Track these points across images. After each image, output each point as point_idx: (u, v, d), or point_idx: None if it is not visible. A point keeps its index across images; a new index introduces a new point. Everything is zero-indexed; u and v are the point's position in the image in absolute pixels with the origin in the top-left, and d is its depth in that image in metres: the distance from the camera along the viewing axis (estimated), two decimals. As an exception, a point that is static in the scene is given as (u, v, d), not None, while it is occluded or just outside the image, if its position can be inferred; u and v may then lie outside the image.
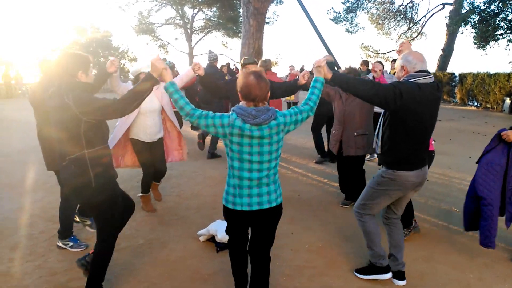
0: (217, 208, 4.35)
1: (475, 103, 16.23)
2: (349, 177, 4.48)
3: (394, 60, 4.40)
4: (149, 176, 4.21)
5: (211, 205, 4.46)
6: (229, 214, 2.33)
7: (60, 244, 3.40)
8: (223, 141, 2.24)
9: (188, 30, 31.88)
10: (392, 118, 2.58)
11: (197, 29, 32.55)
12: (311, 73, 3.06)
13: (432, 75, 2.58)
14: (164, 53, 33.23)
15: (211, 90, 3.94)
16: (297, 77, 3.59)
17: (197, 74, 3.66)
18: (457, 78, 17.57)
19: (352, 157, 4.25)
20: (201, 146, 6.79)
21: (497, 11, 17.01)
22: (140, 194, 4.33)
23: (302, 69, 24.25)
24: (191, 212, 4.30)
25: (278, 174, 2.35)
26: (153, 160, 4.12)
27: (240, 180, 2.20)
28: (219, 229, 3.36)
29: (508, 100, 13.79)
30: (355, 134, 4.14)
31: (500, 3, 16.50)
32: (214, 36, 44.63)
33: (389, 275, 2.89)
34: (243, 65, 4.01)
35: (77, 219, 3.80)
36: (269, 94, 2.19)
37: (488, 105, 15.20)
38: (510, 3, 16.12)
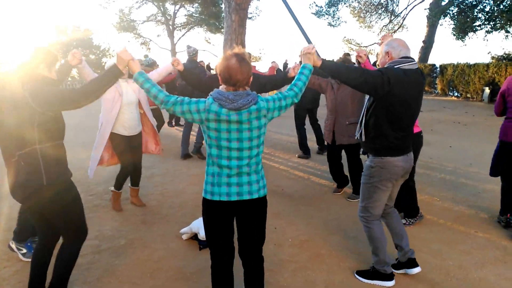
0: (200, 206, 4.24)
1: (456, 93, 16.54)
2: (339, 165, 4.65)
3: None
4: (127, 174, 4.13)
5: (195, 203, 4.43)
6: (208, 206, 2.21)
7: (12, 245, 3.15)
8: (201, 128, 2.10)
9: (170, 27, 31.51)
10: (378, 104, 2.57)
11: (179, 25, 32.20)
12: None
13: (416, 62, 2.60)
14: (146, 50, 32.88)
15: (194, 85, 3.91)
16: (277, 69, 3.57)
17: (177, 70, 3.64)
18: (438, 69, 17.85)
19: (346, 146, 4.36)
20: (202, 157, 6.46)
21: (475, 2, 17.32)
22: (112, 188, 4.21)
23: (285, 64, 24.23)
24: (174, 210, 4.26)
25: (262, 166, 2.23)
26: (132, 157, 4.05)
27: (219, 168, 2.08)
28: (201, 226, 3.34)
29: (487, 90, 14.08)
30: (347, 123, 4.21)
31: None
32: (197, 32, 44.23)
33: (392, 283, 2.77)
34: None
35: (12, 245, 3.20)
36: (251, 79, 2.05)
37: (468, 95, 15.50)
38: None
